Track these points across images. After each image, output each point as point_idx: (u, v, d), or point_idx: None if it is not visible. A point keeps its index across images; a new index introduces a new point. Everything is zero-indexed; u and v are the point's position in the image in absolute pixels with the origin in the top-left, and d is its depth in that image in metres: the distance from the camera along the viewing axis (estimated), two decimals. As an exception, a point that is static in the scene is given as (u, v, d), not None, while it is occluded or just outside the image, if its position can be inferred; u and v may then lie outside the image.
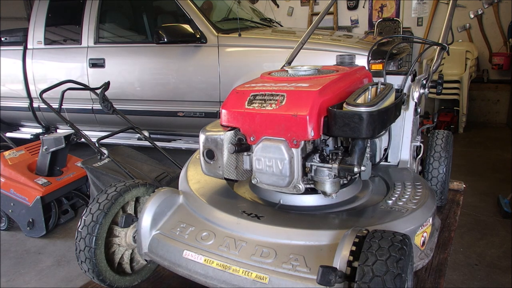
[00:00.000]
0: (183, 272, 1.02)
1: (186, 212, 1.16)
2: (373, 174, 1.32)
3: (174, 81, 3.53)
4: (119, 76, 3.69)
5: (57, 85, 2.72)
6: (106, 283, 1.15)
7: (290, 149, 1.00)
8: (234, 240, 1.01)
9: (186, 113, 3.52)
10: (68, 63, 3.94)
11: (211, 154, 1.10)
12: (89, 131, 3.60)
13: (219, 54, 3.29)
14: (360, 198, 1.18)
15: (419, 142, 1.46)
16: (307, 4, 6.56)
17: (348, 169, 0.99)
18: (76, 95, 3.23)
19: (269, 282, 0.90)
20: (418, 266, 1.05)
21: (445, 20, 1.38)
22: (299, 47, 1.72)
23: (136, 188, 1.23)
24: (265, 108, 1.03)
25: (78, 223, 1.15)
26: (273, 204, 1.15)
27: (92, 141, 2.62)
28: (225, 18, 3.84)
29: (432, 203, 1.14)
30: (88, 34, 3.81)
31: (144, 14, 4.14)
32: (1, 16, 5.87)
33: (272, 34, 3.63)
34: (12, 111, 4.31)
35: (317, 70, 1.19)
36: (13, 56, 4.11)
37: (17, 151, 2.87)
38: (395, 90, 1.13)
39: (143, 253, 1.13)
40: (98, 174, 2.53)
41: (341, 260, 0.81)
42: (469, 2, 5.41)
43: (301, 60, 1.50)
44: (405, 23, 5.87)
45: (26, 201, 2.57)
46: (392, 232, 0.82)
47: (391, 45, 3.15)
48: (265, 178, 1.05)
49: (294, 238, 0.97)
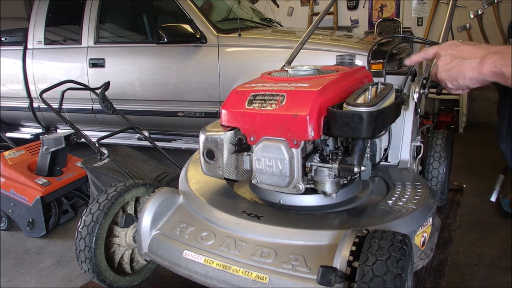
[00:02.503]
0: (183, 272, 1.02)
1: (186, 212, 1.16)
2: (373, 174, 1.32)
3: (174, 81, 3.53)
4: (119, 76, 3.69)
5: (57, 85, 2.72)
6: (106, 283, 1.15)
7: (290, 149, 1.00)
8: (234, 240, 1.01)
9: (186, 113, 3.52)
10: (68, 63, 3.94)
11: (211, 154, 1.10)
12: (89, 131, 3.60)
13: (219, 54, 3.29)
14: (360, 198, 1.18)
15: (419, 142, 1.46)
16: (307, 4, 6.55)
17: (348, 169, 0.99)
18: (76, 95, 3.23)
19: (269, 282, 0.90)
20: (418, 266, 1.05)
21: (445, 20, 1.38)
22: (299, 47, 1.71)
23: (136, 188, 1.23)
24: (265, 108, 1.03)
25: (78, 223, 1.15)
26: (273, 204, 1.15)
27: (92, 141, 2.62)
28: (225, 18, 3.84)
29: (432, 203, 1.14)
30: (88, 34, 3.81)
31: (144, 14, 4.14)
32: (1, 16, 5.87)
33: (272, 34, 3.63)
34: (12, 111, 4.31)
35: (317, 70, 1.19)
36: (13, 56, 4.11)
37: (17, 151, 2.87)
38: (395, 90, 1.13)
39: (143, 253, 1.13)
40: (98, 174, 2.53)
41: (341, 260, 0.81)
42: (469, 2, 5.41)
43: (301, 60, 1.50)
44: (405, 23, 5.87)
45: (26, 201, 2.57)
46: (392, 232, 0.82)
47: (391, 45, 3.15)
48: (265, 178, 1.05)
49: (294, 238, 0.97)
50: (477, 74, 0.85)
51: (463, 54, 0.90)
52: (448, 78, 0.93)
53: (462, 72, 0.88)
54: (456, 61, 0.91)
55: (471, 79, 0.87)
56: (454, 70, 0.91)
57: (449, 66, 0.92)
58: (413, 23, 5.88)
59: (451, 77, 0.92)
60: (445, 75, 0.94)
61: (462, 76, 0.89)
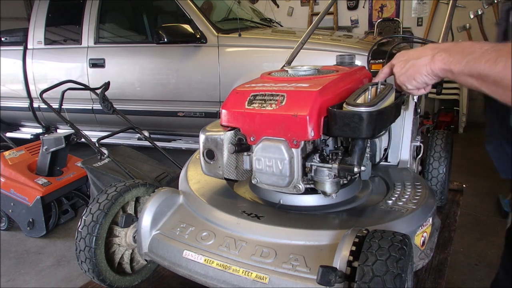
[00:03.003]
0: (183, 272, 1.02)
1: (186, 212, 1.16)
2: (373, 174, 1.32)
3: (174, 81, 3.53)
4: (119, 76, 3.69)
5: (57, 85, 2.72)
6: (106, 283, 1.16)
7: (290, 149, 1.00)
8: (234, 240, 1.01)
9: (186, 113, 3.52)
10: (68, 63, 3.94)
11: (211, 154, 1.10)
12: (89, 131, 3.60)
13: (219, 54, 3.29)
14: (360, 198, 1.18)
15: (419, 142, 1.46)
16: (307, 4, 6.56)
17: (348, 169, 0.99)
18: (76, 95, 3.23)
19: (269, 282, 0.90)
20: (418, 266, 1.05)
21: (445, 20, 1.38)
22: (299, 47, 1.71)
23: (136, 188, 1.23)
24: (265, 108, 1.03)
25: (78, 223, 1.15)
26: (273, 204, 1.15)
27: (92, 141, 2.62)
28: (225, 18, 3.84)
29: (432, 203, 1.14)
30: (88, 34, 3.81)
31: (144, 14, 4.14)
32: (1, 16, 5.87)
33: (272, 34, 3.63)
34: (12, 111, 4.31)
35: (317, 70, 1.19)
36: (13, 56, 4.11)
37: (17, 151, 2.87)
38: (395, 90, 1.13)
39: (143, 253, 1.13)
40: (98, 174, 2.53)
41: (341, 260, 0.81)
42: (469, 2, 5.41)
43: (301, 60, 1.50)
44: (405, 23, 5.87)
45: (26, 201, 2.57)
46: (392, 232, 0.82)
47: (391, 45, 3.15)
48: (265, 178, 1.05)
49: (294, 238, 0.97)
50: (430, 70, 0.91)
51: (414, 55, 0.97)
52: (407, 79, 0.99)
53: (418, 70, 0.94)
54: (410, 63, 0.97)
55: (427, 75, 0.93)
56: (410, 71, 0.97)
57: (404, 69, 1.00)
58: (413, 23, 5.88)
59: (409, 77, 0.98)
60: (403, 78, 1.01)
61: (418, 73, 0.94)
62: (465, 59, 0.80)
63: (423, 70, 0.92)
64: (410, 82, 0.99)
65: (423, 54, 0.93)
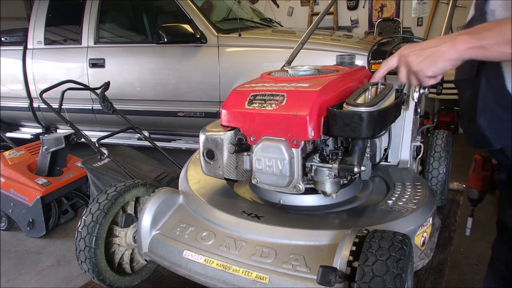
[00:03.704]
0: (183, 272, 1.02)
1: (186, 212, 1.16)
2: (373, 174, 1.32)
3: (174, 81, 3.53)
4: (119, 76, 3.69)
5: (57, 85, 2.72)
6: (106, 283, 1.15)
7: (290, 149, 1.00)
8: (234, 240, 1.01)
9: (186, 113, 3.52)
10: (68, 63, 3.94)
11: (211, 154, 1.10)
12: (89, 131, 3.60)
13: (219, 54, 3.29)
14: (360, 198, 1.18)
15: (419, 142, 1.46)
16: (307, 4, 6.56)
17: (348, 169, 0.99)
18: (76, 95, 3.23)
19: (269, 282, 0.90)
20: (418, 266, 1.05)
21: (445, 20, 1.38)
22: (299, 47, 1.71)
23: (136, 188, 1.23)
24: (265, 108, 1.03)
25: (78, 223, 1.15)
26: (273, 204, 1.15)
27: (92, 141, 2.62)
28: (225, 18, 3.84)
29: (432, 203, 1.14)
30: (88, 34, 3.81)
31: (144, 14, 4.14)
32: (1, 16, 5.87)
33: (272, 34, 3.63)
34: (12, 111, 4.31)
35: (317, 70, 1.19)
36: (13, 56, 4.11)
37: (17, 151, 2.87)
38: (395, 90, 1.13)
39: (143, 253, 1.13)
40: (98, 174, 2.53)
41: (341, 260, 0.81)
42: (469, 2, 5.36)
43: (301, 60, 1.50)
44: (405, 23, 5.87)
45: (26, 201, 2.57)
46: (392, 232, 0.82)
47: (391, 45, 3.15)
48: (265, 178, 1.05)
49: (294, 238, 0.97)
50: (454, 54, 0.90)
51: (430, 44, 0.95)
52: (427, 65, 0.97)
53: (440, 56, 0.93)
54: (428, 51, 0.95)
55: (450, 59, 0.92)
56: (431, 58, 0.95)
57: (422, 57, 0.97)
58: (413, 23, 5.89)
59: (430, 63, 0.96)
60: (421, 65, 0.98)
61: (441, 59, 0.93)
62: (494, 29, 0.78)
63: (445, 56, 0.91)
64: (430, 68, 0.96)
65: (441, 42, 0.92)
